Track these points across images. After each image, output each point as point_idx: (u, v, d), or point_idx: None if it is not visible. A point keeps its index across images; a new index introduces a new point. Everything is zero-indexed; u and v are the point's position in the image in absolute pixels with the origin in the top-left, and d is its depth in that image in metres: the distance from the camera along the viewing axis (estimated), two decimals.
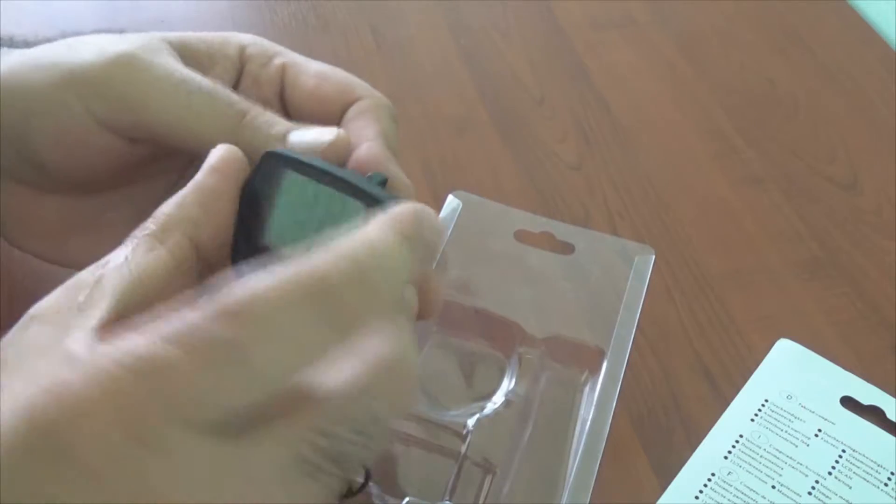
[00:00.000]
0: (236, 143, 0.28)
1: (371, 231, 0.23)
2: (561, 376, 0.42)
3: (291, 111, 0.34)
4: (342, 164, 0.29)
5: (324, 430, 0.22)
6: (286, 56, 0.34)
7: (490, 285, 0.45)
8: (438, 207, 0.48)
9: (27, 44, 0.36)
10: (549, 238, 0.47)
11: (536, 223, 0.47)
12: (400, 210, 0.24)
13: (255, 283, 0.21)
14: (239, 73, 0.33)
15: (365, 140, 0.31)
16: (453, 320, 0.43)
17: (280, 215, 0.27)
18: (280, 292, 0.21)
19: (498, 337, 0.43)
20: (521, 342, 0.42)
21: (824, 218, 0.52)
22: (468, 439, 0.38)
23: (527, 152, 0.54)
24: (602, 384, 0.41)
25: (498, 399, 0.40)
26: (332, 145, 0.29)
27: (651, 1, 0.65)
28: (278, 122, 0.30)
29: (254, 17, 0.62)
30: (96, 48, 0.31)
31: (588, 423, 0.39)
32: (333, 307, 0.22)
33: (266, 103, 0.33)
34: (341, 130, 0.29)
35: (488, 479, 0.38)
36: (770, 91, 0.59)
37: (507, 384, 0.41)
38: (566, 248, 0.46)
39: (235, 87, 0.33)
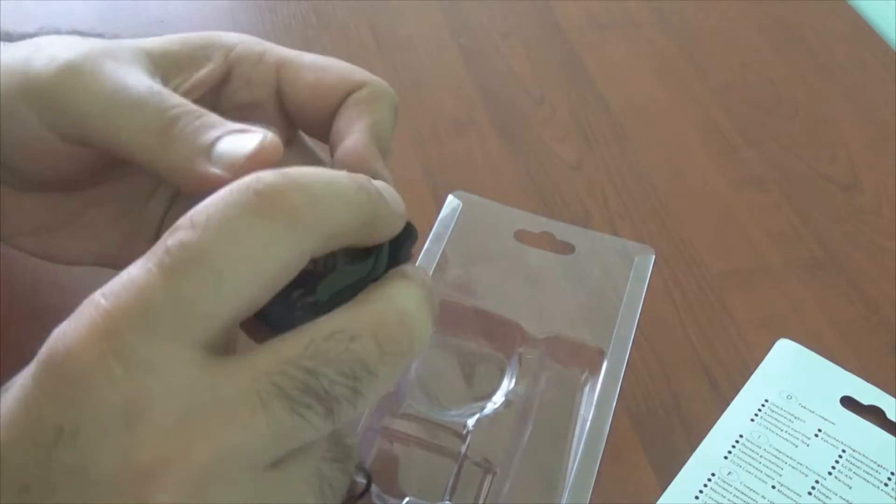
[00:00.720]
0: (166, 155, 0.27)
1: (328, 169, 0.24)
2: (561, 376, 0.42)
3: (291, 109, 0.33)
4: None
5: (300, 364, 0.22)
6: (277, 52, 0.33)
7: (490, 285, 0.45)
8: (438, 207, 0.48)
9: (9, 36, 0.36)
10: (549, 238, 0.47)
11: (536, 223, 0.47)
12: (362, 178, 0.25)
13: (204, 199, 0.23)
14: (225, 74, 0.32)
15: (353, 132, 0.30)
16: (453, 320, 0.43)
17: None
18: (223, 194, 0.22)
19: (498, 337, 0.43)
20: (521, 342, 0.42)
21: (824, 218, 0.52)
22: (468, 439, 0.38)
23: (527, 152, 0.54)
24: (602, 384, 0.41)
25: (498, 399, 0.40)
26: (257, 154, 0.26)
27: (651, 1, 0.65)
28: (207, 131, 0.27)
29: (254, 17, 0.62)
30: (50, 55, 0.29)
31: (588, 422, 0.40)
32: (279, 206, 0.22)
33: (261, 104, 0.33)
34: (269, 134, 0.27)
35: (488, 479, 0.38)
36: (770, 91, 0.59)
37: (507, 384, 0.41)
38: (566, 248, 0.46)
39: (221, 89, 0.33)
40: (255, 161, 0.26)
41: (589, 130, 0.56)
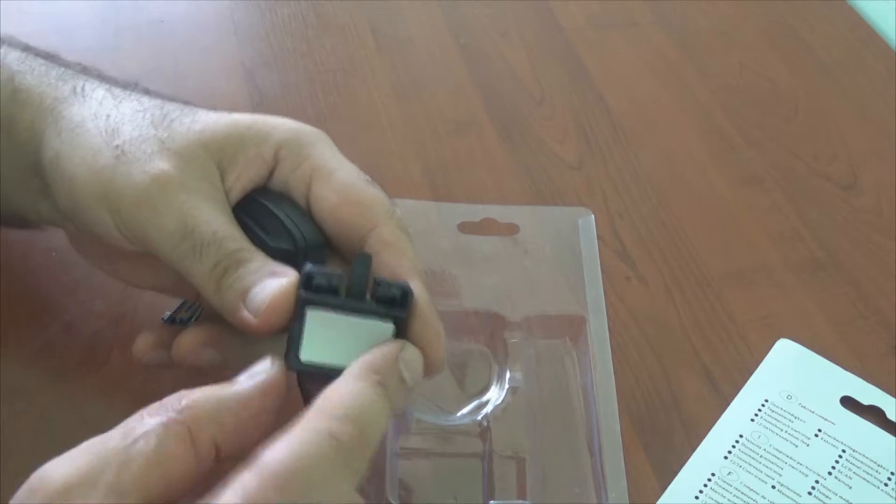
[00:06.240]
0: (217, 297, 0.31)
1: (361, 392, 0.28)
2: (549, 350, 0.43)
3: (316, 217, 0.35)
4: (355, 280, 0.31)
5: None
6: (316, 159, 0.35)
7: (453, 283, 0.45)
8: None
9: (28, 49, 0.38)
10: (492, 223, 0.47)
11: (475, 212, 0.47)
12: (380, 359, 0.29)
13: (283, 449, 0.25)
14: (272, 170, 0.35)
15: (400, 277, 0.33)
16: None
17: (310, 342, 0.30)
18: (311, 453, 0.25)
19: (477, 330, 0.43)
20: (501, 329, 0.42)
21: (824, 218, 0.52)
22: (490, 435, 0.38)
23: (527, 152, 0.54)
24: (593, 348, 0.42)
25: (497, 389, 0.40)
26: (272, 303, 0.30)
27: (651, 1, 0.65)
28: (246, 277, 0.31)
29: (254, 17, 0.62)
30: (131, 174, 0.33)
31: (593, 385, 0.40)
32: (354, 458, 0.26)
33: (295, 203, 0.35)
34: (284, 283, 0.30)
35: (520, 467, 0.38)
36: (770, 91, 0.59)
37: (503, 373, 0.41)
38: (512, 229, 0.47)
39: (268, 181, 0.35)
40: (272, 309, 0.30)
41: (589, 130, 0.56)
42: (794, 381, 0.43)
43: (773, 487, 0.39)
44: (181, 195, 0.32)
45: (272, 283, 0.31)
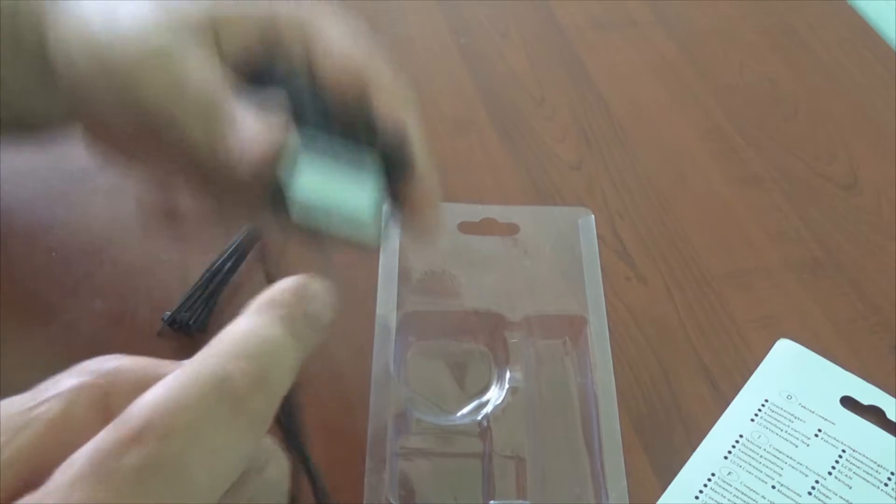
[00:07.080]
0: (210, 146, 0.31)
1: (260, 326, 0.23)
2: (549, 350, 0.43)
3: (318, 82, 0.35)
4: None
5: None
6: (314, 25, 0.36)
7: (454, 282, 0.45)
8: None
9: None
10: (492, 223, 0.47)
11: (475, 212, 0.48)
12: (280, 293, 0.24)
13: (159, 394, 0.20)
14: (271, 41, 0.35)
15: (398, 118, 0.34)
16: (427, 326, 0.43)
17: (301, 187, 0.30)
18: (186, 398, 0.20)
19: (477, 330, 0.43)
20: (501, 329, 0.42)
21: (824, 218, 0.52)
22: (490, 436, 0.38)
23: (527, 152, 0.54)
24: (593, 348, 0.42)
25: (497, 389, 0.40)
26: (264, 143, 0.30)
27: (651, 1, 0.65)
28: (240, 131, 0.31)
29: None
30: (131, 31, 0.32)
31: (593, 385, 0.40)
32: (239, 406, 0.21)
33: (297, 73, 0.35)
34: (278, 120, 0.31)
35: (520, 467, 0.38)
36: (770, 91, 0.59)
37: (503, 373, 0.41)
38: (512, 229, 0.47)
39: (267, 54, 0.35)
40: (265, 143, 0.30)
41: (589, 130, 0.56)
42: (794, 381, 0.43)
43: (773, 487, 0.39)
44: (174, 56, 0.32)
45: (267, 121, 0.31)
